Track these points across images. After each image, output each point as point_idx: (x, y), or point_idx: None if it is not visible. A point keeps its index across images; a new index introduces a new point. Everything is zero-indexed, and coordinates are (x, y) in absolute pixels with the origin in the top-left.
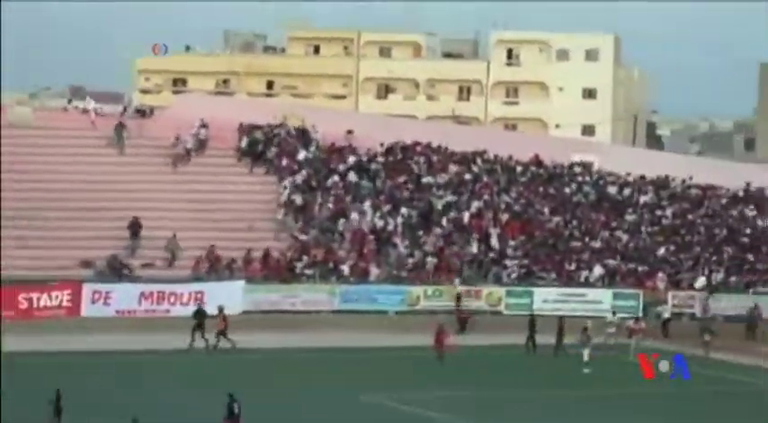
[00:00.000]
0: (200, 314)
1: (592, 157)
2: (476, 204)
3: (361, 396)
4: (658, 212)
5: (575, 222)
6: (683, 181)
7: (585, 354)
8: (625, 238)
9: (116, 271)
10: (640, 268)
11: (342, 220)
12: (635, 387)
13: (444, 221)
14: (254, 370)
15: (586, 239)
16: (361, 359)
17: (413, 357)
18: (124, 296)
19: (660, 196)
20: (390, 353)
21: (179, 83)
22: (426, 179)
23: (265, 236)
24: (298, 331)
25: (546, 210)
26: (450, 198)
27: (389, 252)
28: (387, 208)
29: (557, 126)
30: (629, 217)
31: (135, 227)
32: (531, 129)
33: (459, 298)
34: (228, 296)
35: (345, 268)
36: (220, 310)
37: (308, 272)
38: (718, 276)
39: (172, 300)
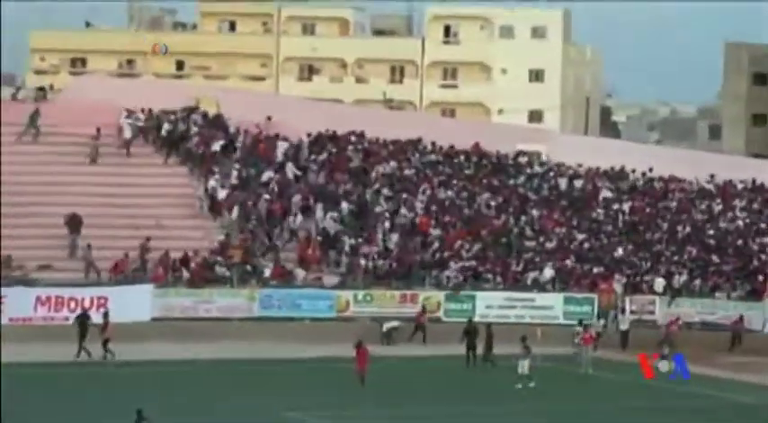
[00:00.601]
0: (82, 321)
1: (539, 146)
2: (417, 200)
3: (281, 413)
4: (615, 207)
5: (523, 219)
6: (643, 173)
7: (525, 366)
8: (579, 236)
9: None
10: (595, 270)
11: (291, 219)
12: (574, 402)
13: (386, 220)
14: (164, 384)
15: (538, 238)
16: (282, 372)
17: (338, 369)
18: (18, 302)
19: (618, 190)
20: (314, 364)
21: (78, 63)
22: (363, 173)
23: (184, 235)
24: (212, 341)
25: (491, 204)
26: (388, 193)
27: (337, 255)
28: (324, 206)
29: (500, 112)
30: (583, 213)
31: (74, 222)
32: (471, 115)
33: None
34: (136, 301)
35: (266, 271)
36: (105, 315)
37: (227, 274)
38: (681, 279)
39: (72, 306)
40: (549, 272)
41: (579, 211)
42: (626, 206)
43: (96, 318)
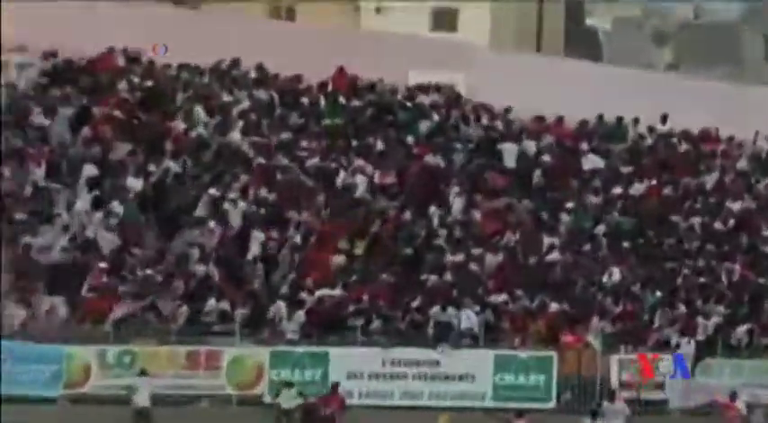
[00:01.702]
0: None
1: (453, 75)
2: (242, 178)
3: None
4: (614, 189)
5: (434, 210)
6: (651, 128)
7: None
8: (545, 241)
9: None
10: (555, 305)
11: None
12: None
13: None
14: None
15: (463, 247)
16: None
17: None
18: None
19: (609, 157)
20: None
21: None
22: (148, 129)
23: None
24: None
25: (363, 179)
26: (198, 169)
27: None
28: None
29: (378, 11)
30: (550, 200)
31: None
32: (327, 17)
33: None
34: None
35: None
36: None
37: None
38: (711, 322)
39: None
40: (467, 317)
41: (541, 197)
42: (637, 187)
43: None
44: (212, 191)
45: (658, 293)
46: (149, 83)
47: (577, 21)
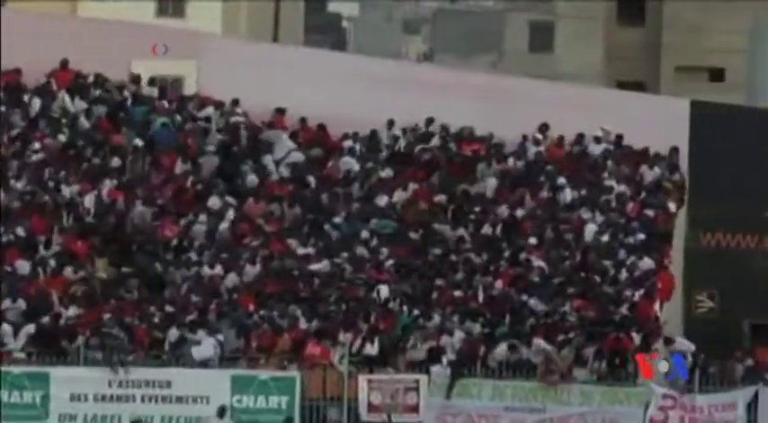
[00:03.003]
0: None
1: (181, 65)
2: None
3: None
4: (375, 196)
5: (187, 220)
6: (407, 129)
7: None
8: (297, 251)
9: None
10: (306, 321)
11: None
12: None
13: None
14: None
15: (202, 258)
16: None
17: None
18: None
19: (364, 158)
20: None
21: None
22: None
23: None
24: None
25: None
26: None
27: None
28: None
29: None
30: (303, 207)
31: None
32: (39, 3)
33: None
34: None
35: None
36: None
37: None
38: (457, 335)
39: None
40: (209, 345)
41: (309, 203)
42: (399, 194)
43: None
44: None
45: (415, 311)
46: None
47: (320, 8)
